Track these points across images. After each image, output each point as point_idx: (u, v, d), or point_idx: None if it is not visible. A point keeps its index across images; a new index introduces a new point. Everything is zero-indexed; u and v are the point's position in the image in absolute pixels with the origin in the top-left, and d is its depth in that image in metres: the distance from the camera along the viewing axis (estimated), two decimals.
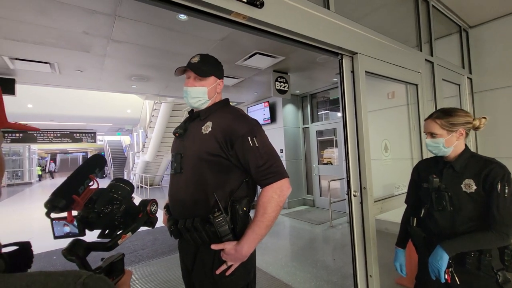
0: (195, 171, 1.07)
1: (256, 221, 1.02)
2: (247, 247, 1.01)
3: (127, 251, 3.83)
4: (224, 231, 1.01)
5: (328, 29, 1.66)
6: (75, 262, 0.65)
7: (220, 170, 1.06)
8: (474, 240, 1.11)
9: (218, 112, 1.14)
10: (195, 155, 1.08)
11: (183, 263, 1.19)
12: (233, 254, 1.02)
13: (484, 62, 3.09)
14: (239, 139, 1.03)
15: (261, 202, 1.03)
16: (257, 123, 1.12)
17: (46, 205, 0.65)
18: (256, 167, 1.03)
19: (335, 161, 6.17)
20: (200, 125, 1.12)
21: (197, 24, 2.70)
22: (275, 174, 1.03)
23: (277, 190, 1.03)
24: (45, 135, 14.24)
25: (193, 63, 1.13)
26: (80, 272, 0.38)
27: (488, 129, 3.01)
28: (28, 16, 2.42)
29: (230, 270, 1.04)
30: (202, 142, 1.08)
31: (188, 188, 1.08)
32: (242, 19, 1.30)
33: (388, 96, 2.97)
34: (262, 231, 1.02)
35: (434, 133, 1.22)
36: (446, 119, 1.21)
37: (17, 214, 7.64)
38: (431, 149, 1.25)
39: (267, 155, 1.04)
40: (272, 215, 1.02)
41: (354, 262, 1.80)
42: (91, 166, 0.75)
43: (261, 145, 1.04)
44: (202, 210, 1.05)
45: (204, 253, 1.07)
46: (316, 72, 4.70)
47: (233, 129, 1.05)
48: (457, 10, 2.86)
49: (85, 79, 4.35)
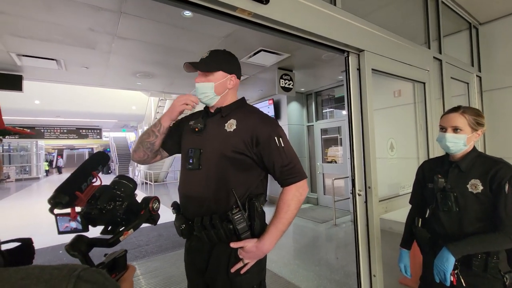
0: (218, 168, 1.06)
1: (279, 217, 1.04)
2: (269, 243, 1.03)
3: (132, 247, 3.87)
4: (242, 228, 1.01)
5: (334, 26, 1.63)
6: (78, 257, 0.66)
7: (242, 168, 1.07)
8: (481, 241, 1.09)
9: (240, 111, 1.14)
10: (218, 152, 1.06)
11: (193, 264, 1.15)
12: (254, 252, 1.02)
13: (494, 60, 3.03)
14: (266, 139, 1.05)
15: (285, 200, 1.05)
16: (278, 123, 1.15)
17: (50, 201, 0.66)
18: (282, 166, 1.05)
19: (339, 159, 6.13)
20: (223, 123, 1.10)
21: (202, 20, 2.69)
22: (298, 174, 1.07)
23: (300, 189, 1.07)
24: (52, 131, 14.43)
25: (201, 58, 1.11)
26: (76, 265, 0.38)
27: (496, 129, 2.96)
28: (35, 13, 2.44)
29: (245, 268, 1.04)
30: (226, 139, 1.07)
31: (210, 185, 1.05)
32: (247, 16, 1.29)
33: (394, 94, 2.93)
34: (284, 228, 1.05)
35: (458, 128, 1.17)
36: (474, 117, 1.18)
37: (24, 208, 7.78)
38: (449, 144, 1.18)
39: (291, 155, 1.08)
40: (294, 213, 1.06)
41: (358, 261, 1.78)
42: (94, 163, 0.76)
43: (286, 145, 1.07)
44: (222, 207, 1.04)
45: (220, 251, 1.06)
46: (321, 69, 4.66)
47: (260, 129, 1.06)
48: (467, 6, 2.79)
49: (90, 76, 4.38)
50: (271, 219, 1.07)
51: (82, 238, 0.68)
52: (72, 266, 0.38)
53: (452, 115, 1.20)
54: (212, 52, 1.12)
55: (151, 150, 1.20)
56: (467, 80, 2.89)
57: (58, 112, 11.27)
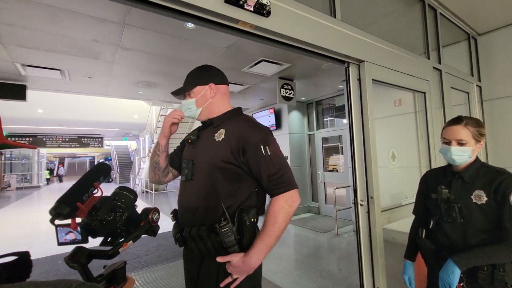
0: (207, 179, 1.06)
1: (266, 231, 0.99)
2: (256, 258, 0.98)
3: (131, 257, 3.82)
4: (230, 242, 0.98)
5: (335, 37, 1.66)
6: (77, 269, 0.65)
7: (231, 178, 1.05)
8: (487, 253, 1.07)
9: (232, 120, 1.14)
10: (208, 162, 1.07)
11: (188, 273, 1.16)
12: (240, 266, 0.98)
13: (494, 69, 3.05)
14: (252, 147, 1.02)
15: (271, 212, 1.00)
16: (269, 132, 1.11)
17: (51, 212, 0.66)
18: (268, 176, 1.01)
19: (340, 168, 6.11)
20: (213, 133, 1.12)
21: (204, 32, 2.73)
22: (286, 184, 1.02)
23: (288, 200, 1.01)
24: (54, 140, 14.51)
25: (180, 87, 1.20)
26: (71, 281, 0.37)
27: (497, 138, 2.95)
28: (40, 25, 2.49)
29: (235, 283, 1.01)
30: (215, 149, 1.07)
31: (200, 196, 1.06)
32: (249, 28, 1.31)
33: (394, 103, 2.94)
34: (272, 242, 0.99)
35: (463, 141, 1.16)
36: (477, 128, 1.17)
37: (24, 217, 7.73)
38: (455, 157, 1.18)
39: (279, 164, 1.03)
40: (282, 225, 1.00)
41: (361, 273, 1.75)
42: (96, 174, 0.76)
43: (274, 154, 1.03)
44: (211, 218, 1.03)
45: (209, 264, 1.04)
46: (321, 79, 4.70)
47: (246, 136, 1.04)
48: (465, 17, 2.84)
49: (94, 85, 4.43)
50: (259, 232, 1.04)
51: (82, 250, 0.68)
52: (67, 282, 0.37)
53: (455, 128, 1.19)
54: (187, 74, 1.21)
55: (158, 169, 1.24)
56: (467, 89, 2.91)
57: (60, 121, 11.36)
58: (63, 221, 0.69)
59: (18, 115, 9.68)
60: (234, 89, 4.84)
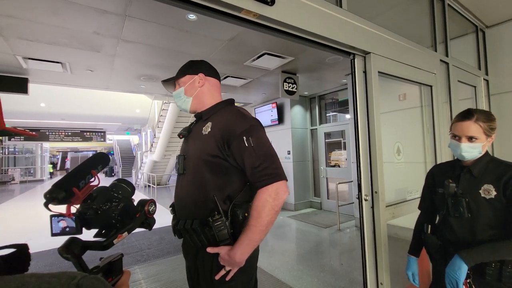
0: (196, 172, 1.06)
1: (249, 225, 0.96)
2: (240, 253, 0.96)
3: (133, 250, 3.85)
4: (222, 235, 0.97)
5: (341, 28, 1.62)
6: (71, 260, 0.64)
7: (219, 172, 1.03)
8: (495, 249, 1.05)
9: (219, 112, 1.13)
10: (196, 156, 1.07)
11: (187, 264, 1.17)
12: (227, 260, 0.98)
13: (502, 63, 2.98)
14: (235, 139, 0.99)
15: (255, 206, 0.97)
16: (256, 123, 1.06)
17: (46, 195, 0.64)
18: (252, 168, 0.97)
19: (343, 163, 6.08)
20: (202, 126, 1.12)
21: (206, 24, 2.69)
22: (271, 176, 0.96)
23: (272, 193, 0.96)
24: (57, 134, 14.56)
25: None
26: (75, 273, 0.37)
27: (505, 133, 2.90)
28: (41, 17, 2.46)
29: (229, 275, 1.01)
30: (202, 143, 1.07)
31: (190, 189, 1.08)
32: (253, 17, 1.28)
33: (399, 97, 2.89)
34: (256, 237, 0.96)
35: (474, 137, 1.12)
36: (488, 123, 1.13)
37: (27, 210, 7.82)
38: (465, 154, 1.14)
39: (264, 156, 0.98)
40: (266, 220, 0.95)
41: (364, 268, 1.74)
42: (94, 163, 0.75)
43: (257, 145, 0.99)
44: (201, 212, 1.03)
45: (204, 257, 1.04)
46: (325, 73, 4.64)
47: (230, 128, 1.01)
48: (474, 9, 2.77)
49: (95, 79, 4.41)
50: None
51: (76, 241, 0.66)
52: (70, 274, 0.36)
53: (466, 123, 1.14)
54: (179, 68, 1.23)
55: None
56: (474, 83, 2.85)
57: (63, 115, 11.39)
58: (57, 207, 0.67)
59: (20, 108, 9.71)
60: (236, 83, 4.79)
